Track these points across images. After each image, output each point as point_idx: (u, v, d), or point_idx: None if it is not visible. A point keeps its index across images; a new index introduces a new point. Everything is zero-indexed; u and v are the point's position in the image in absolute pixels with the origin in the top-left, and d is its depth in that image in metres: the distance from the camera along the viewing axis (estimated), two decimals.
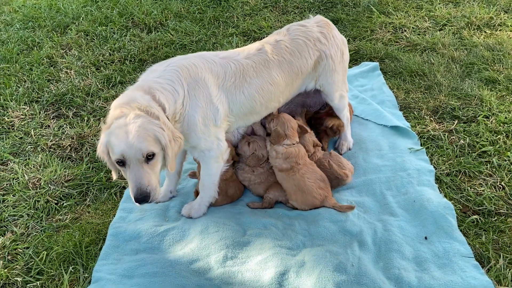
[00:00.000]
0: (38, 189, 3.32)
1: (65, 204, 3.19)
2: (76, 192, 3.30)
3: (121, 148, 2.38)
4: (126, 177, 2.52)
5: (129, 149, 2.37)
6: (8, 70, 4.93)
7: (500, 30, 5.10)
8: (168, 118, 2.57)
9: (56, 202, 3.22)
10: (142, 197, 2.43)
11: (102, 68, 4.92)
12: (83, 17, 6.11)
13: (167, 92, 2.60)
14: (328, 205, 2.96)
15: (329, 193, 3.00)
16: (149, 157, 2.44)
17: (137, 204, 2.47)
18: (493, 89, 4.06)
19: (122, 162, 2.44)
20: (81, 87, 4.56)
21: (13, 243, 2.90)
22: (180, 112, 2.65)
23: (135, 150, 2.37)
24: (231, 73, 2.82)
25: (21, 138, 3.90)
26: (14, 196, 3.27)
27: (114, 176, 2.67)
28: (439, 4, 5.86)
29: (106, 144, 2.47)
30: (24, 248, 2.87)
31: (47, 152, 3.70)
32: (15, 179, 3.42)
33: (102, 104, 4.30)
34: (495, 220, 2.83)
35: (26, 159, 3.64)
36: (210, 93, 2.74)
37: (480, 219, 2.84)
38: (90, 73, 4.84)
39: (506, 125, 3.59)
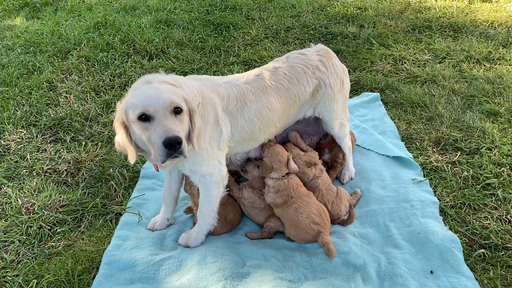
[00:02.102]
0: (31, 214, 3.22)
1: (58, 231, 3.09)
2: (70, 218, 3.20)
3: (146, 100, 2.26)
4: (146, 138, 2.29)
5: (156, 99, 2.26)
6: (7, 94, 4.90)
7: (499, 64, 5.14)
8: None
9: (49, 228, 3.11)
10: (175, 138, 2.20)
11: (102, 93, 4.90)
12: (84, 43, 6.14)
13: (188, 91, 2.58)
14: (320, 241, 2.77)
15: (325, 229, 2.81)
16: (177, 111, 2.32)
17: (165, 151, 2.21)
18: (494, 121, 4.05)
19: (145, 117, 2.27)
20: (80, 112, 4.52)
21: (2, 270, 2.78)
22: None
23: (164, 100, 2.27)
24: (233, 97, 2.83)
25: (16, 161, 3.82)
26: (6, 221, 3.17)
27: (132, 159, 2.40)
28: (438, 37, 5.94)
29: (126, 109, 2.35)
30: (14, 275, 2.75)
31: (43, 177, 3.61)
32: (8, 204, 3.33)
33: (101, 129, 4.25)
34: (503, 254, 2.75)
35: (20, 183, 3.55)
36: (218, 113, 2.74)
37: (487, 253, 2.75)
38: (90, 98, 4.82)
39: (509, 157, 3.55)
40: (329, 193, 3.09)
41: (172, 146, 2.22)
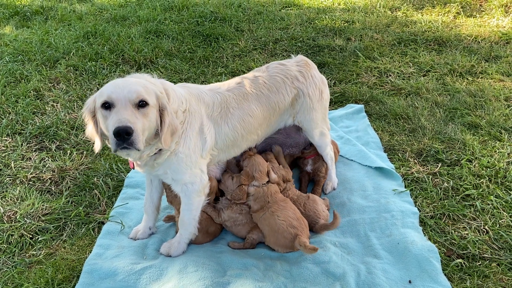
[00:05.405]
0: (13, 222, 3.21)
1: (40, 239, 3.08)
2: (52, 226, 3.19)
3: (111, 89, 2.28)
4: (105, 127, 2.32)
5: (121, 89, 2.27)
6: None
7: (481, 77, 5.25)
8: None
9: (31, 236, 3.10)
10: (124, 128, 2.17)
11: None
12: (73, 52, 6.16)
13: (175, 96, 2.62)
14: (296, 243, 2.78)
15: (302, 233, 2.83)
16: (142, 104, 2.32)
17: (114, 141, 2.21)
18: (475, 133, 4.12)
19: (108, 105, 2.29)
20: (66, 121, 4.53)
21: None
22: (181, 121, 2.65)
23: (129, 91, 2.27)
24: (217, 104, 2.88)
25: (0, 170, 3.81)
26: None
27: (97, 148, 2.47)
28: (423, 51, 6.05)
29: (95, 97, 2.37)
30: None
31: (26, 185, 3.61)
32: None
33: (86, 138, 4.24)
34: (480, 264, 2.79)
35: (3, 192, 3.54)
36: (203, 121, 2.78)
37: (464, 263, 2.80)
38: (77, 107, 4.83)
39: (488, 169, 3.61)
40: (300, 198, 3.16)
41: (121, 135, 2.20)
